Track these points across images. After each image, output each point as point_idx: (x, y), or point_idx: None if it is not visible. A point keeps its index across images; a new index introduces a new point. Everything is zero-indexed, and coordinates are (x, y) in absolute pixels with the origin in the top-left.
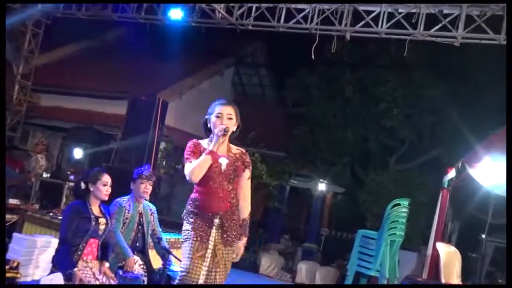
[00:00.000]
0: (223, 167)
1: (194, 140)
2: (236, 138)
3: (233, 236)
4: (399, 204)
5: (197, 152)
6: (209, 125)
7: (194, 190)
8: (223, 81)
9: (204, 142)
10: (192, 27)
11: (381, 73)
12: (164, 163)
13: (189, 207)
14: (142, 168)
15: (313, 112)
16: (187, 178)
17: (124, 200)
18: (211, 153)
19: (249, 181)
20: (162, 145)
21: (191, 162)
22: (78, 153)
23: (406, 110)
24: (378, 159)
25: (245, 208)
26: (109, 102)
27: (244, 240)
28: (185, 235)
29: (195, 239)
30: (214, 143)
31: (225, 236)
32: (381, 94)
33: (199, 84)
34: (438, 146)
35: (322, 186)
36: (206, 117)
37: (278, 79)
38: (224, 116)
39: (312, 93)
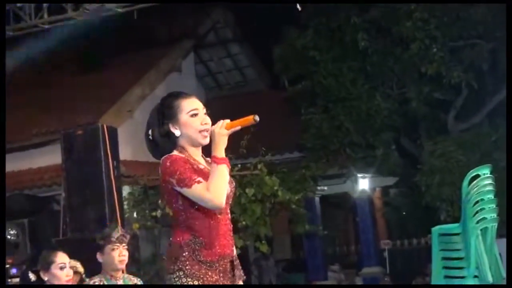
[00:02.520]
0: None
1: (174, 155)
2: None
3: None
4: (478, 176)
5: (194, 169)
6: (175, 133)
7: (186, 228)
8: (185, 78)
9: (181, 156)
10: (121, 16)
11: (399, 4)
12: (135, 214)
13: (186, 254)
14: (107, 229)
15: (321, 84)
16: (209, 203)
17: (95, 281)
18: (225, 161)
19: None
20: (126, 190)
21: (201, 182)
22: (11, 234)
23: (449, 44)
24: (431, 123)
25: None
26: (36, 153)
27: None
28: None
29: None
30: (219, 146)
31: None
32: (409, 31)
33: (152, 90)
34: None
35: (363, 183)
36: (152, 127)
37: (260, 54)
38: (200, 110)
39: (313, 58)
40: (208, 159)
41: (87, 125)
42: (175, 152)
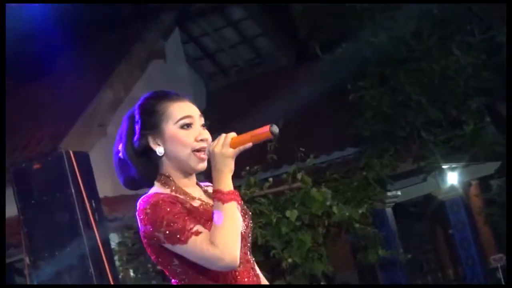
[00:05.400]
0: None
1: (154, 195)
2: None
3: None
4: None
5: (188, 210)
6: (156, 151)
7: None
8: (171, 66)
9: (167, 194)
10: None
11: None
12: (132, 272)
13: None
14: None
15: (370, 43)
16: (217, 264)
17: None
18: (235, 196)
19: None
20: (114, 240)
21: (200, 233)
22: None
23: None
24: None
25: None
26: None
27: None
28: None
29: None
30: (223, 174)
31: None
32: None
33: (127, 91)
34: None
35: (452, 177)
36: (123, 142)
37: (274, 14)
38: (196, 120)
39: (353, 8)
40: (207, 184)
41: (46, 155)
42: (156, 187)
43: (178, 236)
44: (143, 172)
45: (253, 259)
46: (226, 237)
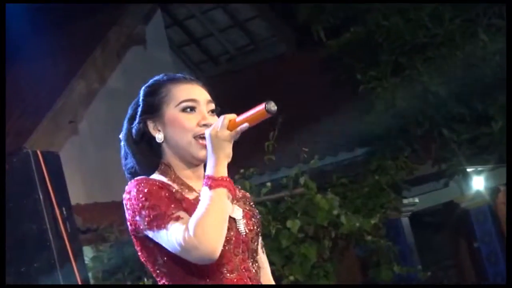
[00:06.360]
0: (241, 226)
1: (143, 178)
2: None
3: None
4: None
5: (176, 198)
6: (156, 138)
7: None
8: (153, 52)
9: (157, 179)
10: None
11: None
12: None
13: None
14: None
15: (383, 27)
16: (192, 253)
17: None
18: (226, 182)
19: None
20: (88, 254)
21: (181, 218)
22: None
23: None
24: None
25: None
26: None
27: None
28: None
29: None
30: (219, 158)
31: None
32: None
33: (103, 82)
34: None
35: (478, 182)
36: (134, 122)
37: None
38: (201, 105)
39: None
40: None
41: (10, 155)
42: (155, 174)
43: (158, 221)
44: (142, 162)
45: (259, 269)
46: (205, 224)
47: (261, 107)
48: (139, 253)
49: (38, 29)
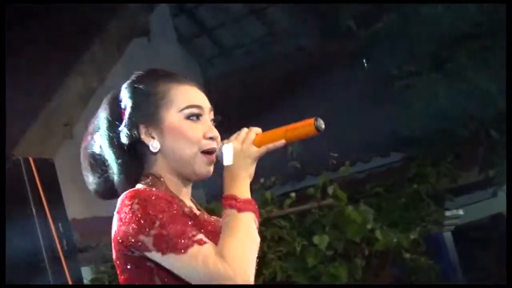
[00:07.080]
0: None
1: (144, 190)
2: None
3: None
4: None
5: (187, 216)
6: (150, 146)
7: None
8: (159, 46)
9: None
10: None
11: None
12: None
13: None
14: None
15: (421, 15)
16: (226, 283)
17: None
18: (252, 206)
19: None
20: (87, 276)
21: (204, 243)
22: None
23: None
24: None
25: None
26: None
27: None
28: None
29: None
30: (241, 178)
31: None
32: None
33: (102, 79)
34: None
35: None
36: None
37: None
38: (205, 113)
39: None
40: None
41: None
42: (140, 185)
43: (173, 242)
44: (126, 173)
45: None
46: (239, 252)
47: (309, 122)
48: (126, 272)
49: (28, 20)
